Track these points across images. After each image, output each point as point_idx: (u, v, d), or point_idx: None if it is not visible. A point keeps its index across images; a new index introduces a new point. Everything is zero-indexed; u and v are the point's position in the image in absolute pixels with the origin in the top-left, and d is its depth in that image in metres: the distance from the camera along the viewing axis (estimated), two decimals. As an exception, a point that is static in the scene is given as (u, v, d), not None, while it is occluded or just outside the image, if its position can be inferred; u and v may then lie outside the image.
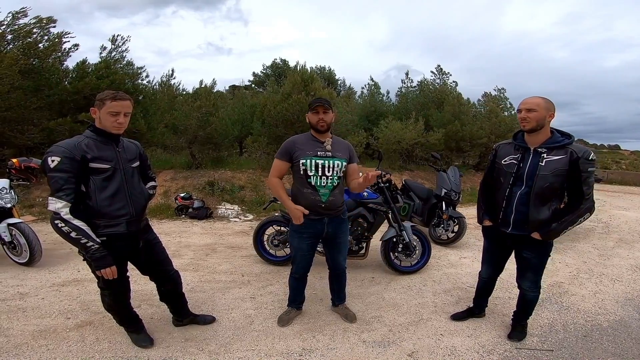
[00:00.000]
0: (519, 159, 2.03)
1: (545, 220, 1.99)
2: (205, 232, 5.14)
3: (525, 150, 2.03)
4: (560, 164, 1.91)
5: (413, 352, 2.23)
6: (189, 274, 3.42)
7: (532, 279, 2.21)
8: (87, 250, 1.74)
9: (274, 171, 2.32)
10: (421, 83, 13.23)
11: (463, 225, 4.51)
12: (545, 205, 1.98)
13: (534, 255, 2.12)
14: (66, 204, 1.69)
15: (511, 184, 2.04)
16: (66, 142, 1.75)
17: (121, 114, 1.83)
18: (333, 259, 2.53)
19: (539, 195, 1.96)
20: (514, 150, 2.08)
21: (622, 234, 5.51)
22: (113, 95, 1.80)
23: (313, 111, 2.23)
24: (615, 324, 2.65)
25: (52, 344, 2.18)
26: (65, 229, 1.70)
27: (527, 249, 2.12)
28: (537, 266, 2.17)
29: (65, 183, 1.69)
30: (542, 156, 1.96)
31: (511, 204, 2.06)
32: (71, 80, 7.36)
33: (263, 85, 21.29)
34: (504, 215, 2.10)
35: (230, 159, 9.46)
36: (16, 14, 6.56)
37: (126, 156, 1.94)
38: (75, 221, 1.71)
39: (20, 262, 3.44)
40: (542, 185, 1.94)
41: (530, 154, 2.01)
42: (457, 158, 12.32)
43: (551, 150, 1.95)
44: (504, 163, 2.10)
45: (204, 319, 2.49)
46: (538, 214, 1.98)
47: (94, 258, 1.76)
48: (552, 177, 1.92)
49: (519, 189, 2.02)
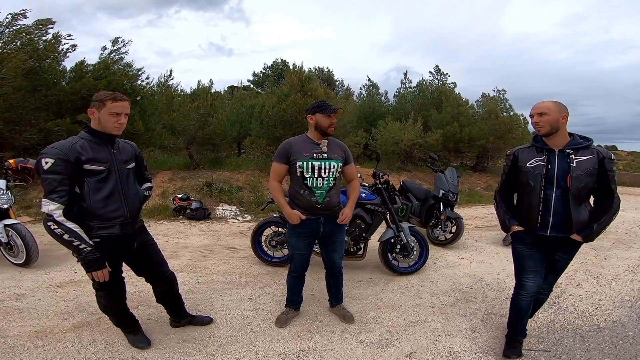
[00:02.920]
0: (546, 161, 2.00)
1: (585, 221, 2.00)
2: (203, 233, 5.13)
3: (550, 152, 2.00)
4: (591, 164, 1.93)
5: (411, 353, 2.23)
6: (186, 275, 3.41)
7: (552, 282, 2.24)
8: (79, 252, 1.74)
9: (274, 174, 2.33)
10: (420, 84, 13.26)
11: (461, 226, 4.52)
12: (582, 206, 1.99)
13: (566, 257, 2.12)
14: (59, 206, 1.68)
15: (543, 186, 2.00)
16: (60, 144, 1.74)
17: (122, 115, 1.82)
18: (329, 258, 2.53)
19: (576, 197, 1.96)
20: (537, 153, 2.04)
21: (619, 235, 5.53)
22: (113, 96, 1.79)
23: (326, 114, 2.23)
24: (613, 325, 2.66)
25: (48, 345, 2.17)
26: (58, 231, 1.69)
27: (562, 252, 2.10)
28: (563, 268, 2.19)
29: (58, 185, 1.68)
30: (571, 157, 1.95)
31: (548, 206, 2.00)
32: (69, 81, 7.34)
33: (262, 86, 21.30)
34: (542, 218, 2.03)
35: (229, 159, 9.45)
36: (15, 15, 6.54)
37: (121, 157, 1.92)
38: (68, 223, 1.70)
39: (17, 263, 3.42)
40: (577, 186, 1.94)
41: (556, 156, 1.98)
42: (455, 159, 12.35)
43: (577, 151, 1.95)
44: (529, 166, 2.04)
45: (202, 320, 2.48)
46: (579, 215, 1.98)
47: (86, 260, 1.76)
48: (585, 177, 1.93)
49: (553, 191, 1.99)
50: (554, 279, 2.23)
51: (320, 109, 2.25)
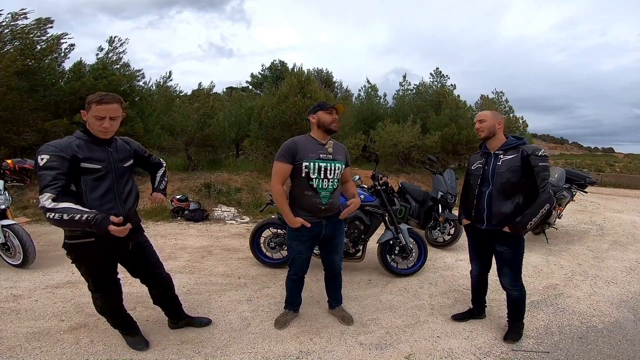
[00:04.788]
0: (484, 163, 2.33)
1: (509, 214, 2.22)
2: (201, 235, 5.11)
3: (488, 155, 2.34)
4: (513, 161, 2.19)
5: (410, 355, 2.23)
6: (185, 276, 3.40)
7: (510, 275, 2.34)
8: (88, 223, 1.59)
9: (277, 177, 2.24)
10: (419, 86, 13.31)
11: (459, 227, 4.53)
12: (509, 200, 2.23)
13: (506, 248, 2.29)
14: (50, 195, 1.61)
15: (479, 184, 2.33)
16: (57, 142, 1.74)
17: (106, 119, 1.77)
18: (329, 260, 2.53)
19: (500, 191, 2.23)
20: (480, 157, 2.40)
21: (616, 236, 5.55)
22: (99, 99, 1.75)
23: (327, 111, 2.26)
24: (611, 326, 2.67)
25: (46, 346, 2.16)
26: (57, 216, 1.59)
27: (500, 243, 2.30)
28: (511, 260, 2.32)
29: (52, 180, 1.64)
30: (499, 157, 2.26)
31: (481, 201, 2.32)
32: (67, 81, 7.32)
33: (261, 87, 21.31)
34: (477, 212, 2.36)
35: (227, 161, 9.45)
36: (15, 15, 6.52)
37: (118, 156, 1.91)
38: (60, 204, 1.61)
39: (14, 264, 3.40)
40: (500, 181, 2.22)
41: (492, 158, 2.30)
42: (454, 161, 12.39)
43: (506, 151, 2.25)
44: (472, 168, 2.42)
45: (200, 321, 2.47)
46: (500, 207, 2.24)
47: (97, 225, 1.60)
48: (507, 173, 2.19)
49: (487, 188, 2.29)
50: (509, 272, 2.33)
51: (321, 106, 2.29)
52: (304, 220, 2.27)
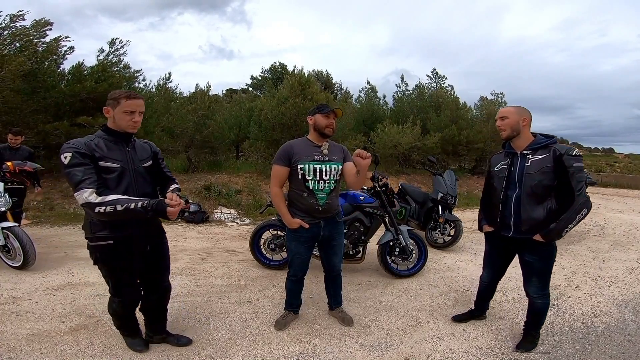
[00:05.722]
0: (509, 164, 2.13)
1: (541, 221, 2.01)
2: (201, 236, 5.11)
3: (514, 155, 2.13)
4: (545, 162, 1.98)
5: (410, 356, 2.22)
6: (185, 278, 3.40)
7: (538, 285, 2.18)
8: (145, 209, 1.63)
9: (275, 179, 2.30)
10: (417, 87, 13.32)
11: (459, 228, 4.53)
12: (540, 205, 2.02)
13: (536, 258, 2.11)
14: (92, 190, 1.62)
15: (505, 187, 2.12)
16: (75, 140, 1.74)
17: (136, 113, 1.81)
18: (329, 261, 2.53)
19: (530, 195, 2.02)
20: (504, 157, 2.20)
21: (617, 237, 5.55)
22: (127, 94, 1.78)
23: (324, 114, 2.25)
24: (612, 326, 2.66)
25: (46, 347, 2.16)
26: (108, 208, 1.60)
27: (530, 252, 2.12)
28: (540, 270, 2.14)
29: (84, 175, 1.64)
30: (528, 157, 2.05)
31: (508, 207, 2.11)
32: (67, 83, 7.34)
33: (261, 89, 21.35)
34: (502, 218, 2.16)
35: (227, 162, 9.45)
36: (14, 16, 6.54)
37: (137, 156, 1.91)
38: (108, 197, 1.63)
39: (14, 265, 3.40)
40: (530, 184, 2.01)
41: (519, 158, 2.10)
42: (454, 162, 12.41)
43: (536, 150, 2.04)
44: (495, 170, 2.22)
45: (178, 340, 2.25)
46: (531, 213, 2.02)
47: (155, 209, 1.64)
48: (538, 175, 1.98)
49: (514, 192, 2.08)
50: (537, 282, 2.17)
51: (319, 109, 2.30)
52: (302, 221, 2.29)
